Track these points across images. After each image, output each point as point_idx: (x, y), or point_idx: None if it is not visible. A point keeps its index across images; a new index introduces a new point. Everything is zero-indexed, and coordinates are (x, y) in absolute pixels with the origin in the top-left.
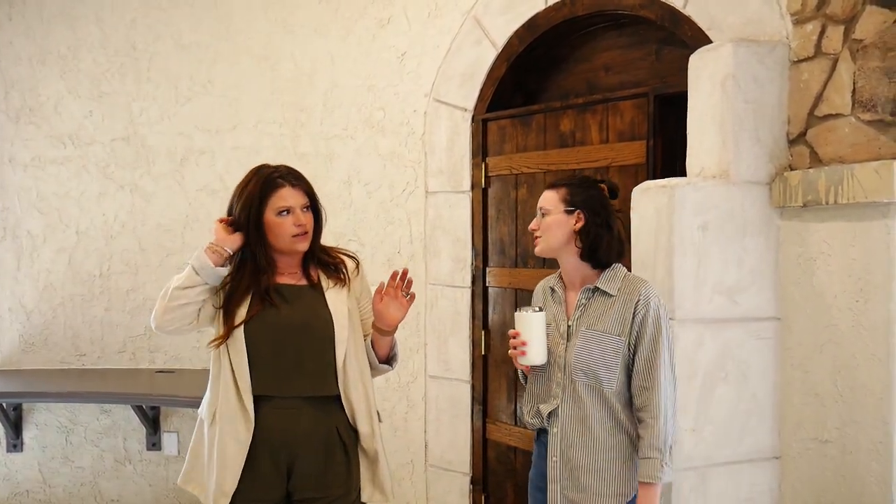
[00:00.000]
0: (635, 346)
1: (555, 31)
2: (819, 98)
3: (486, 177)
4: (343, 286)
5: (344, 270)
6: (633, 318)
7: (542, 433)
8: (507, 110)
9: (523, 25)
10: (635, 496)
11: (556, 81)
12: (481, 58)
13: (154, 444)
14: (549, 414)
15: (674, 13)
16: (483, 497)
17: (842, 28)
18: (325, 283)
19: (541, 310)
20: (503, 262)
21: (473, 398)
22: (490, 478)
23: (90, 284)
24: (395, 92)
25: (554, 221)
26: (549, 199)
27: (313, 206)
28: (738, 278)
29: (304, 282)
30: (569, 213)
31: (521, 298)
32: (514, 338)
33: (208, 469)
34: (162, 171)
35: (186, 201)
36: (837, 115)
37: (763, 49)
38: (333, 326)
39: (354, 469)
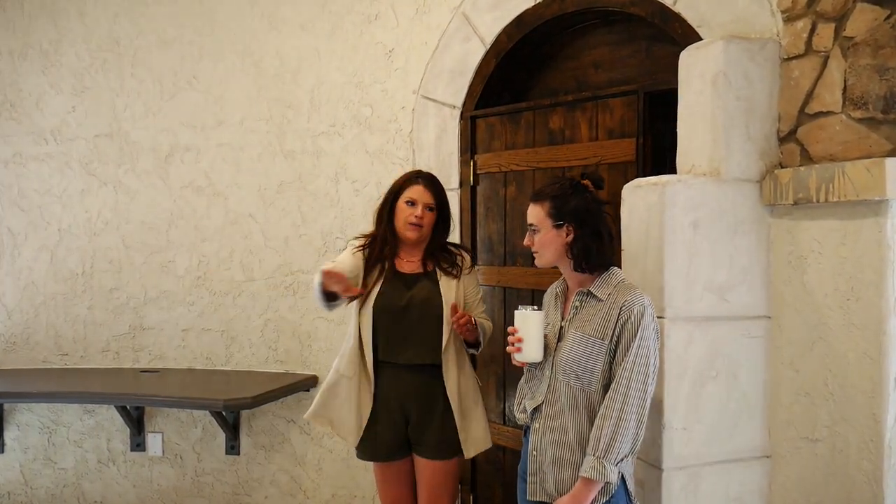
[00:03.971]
0: (615, 350)
1: (544, 28)
2: (810, 96)
3: (475, 174)
4: (454, 278)
5: (460, 265)
6: (616, 322)
7: (528, 429)
8: (495, 107)
9: (512, 22)
10: (613, 495)
11: (545, 79)
12: (470, 54)
13: (138, 444)
14: (534, 410)
15: (664, 10)
16: (471, 496)
17: (833, 25)
18: (440, 272)
19: (539, 308)
20: (492, 261)
21: None
22: (478, 477)
23: (73, 283)
24: (382, 89)
25: (546, 239)
26: (536, 216)
27: (440, 211)
28: (729, 276)
29: (420, 270)
30: (557, 227)
31: (510, 296)
32: (512, 334)
33: (346, 411)
34: (146, 168)
35: (171, 198)
36: (828, 113)
37: (754, 46)
38: (443, 308)
39: (450, 425)
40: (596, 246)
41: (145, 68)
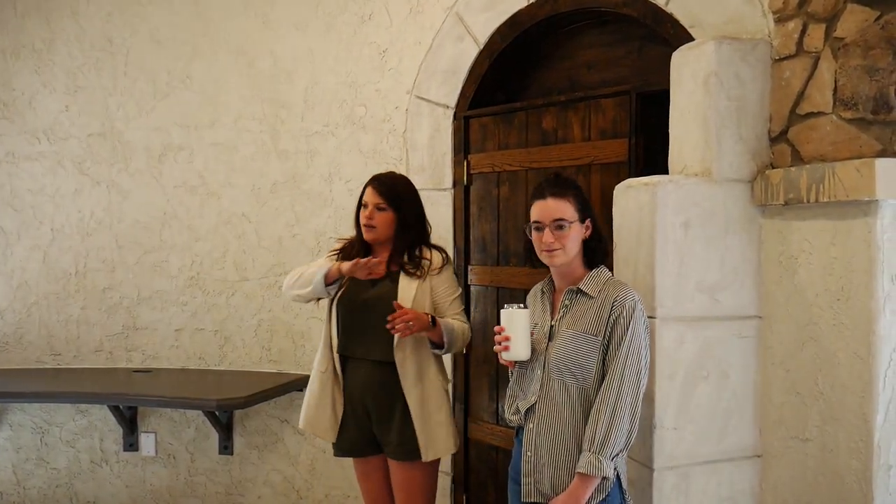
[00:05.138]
0: (607, 346)
1: (537, 29)
2: (801, 96)
3: (468, 174)
4: (416, 278)
5: (425, 266)
6: (609, 318)
7: (520, 430)
8: (489, 107)
9: (505, 22)
10: (609, 492)
11: (539, 79)
12: (463, 55)
13: (131, 444)
14: (527, 410)
15: (656, 11)
16: (464, 497)
17: (823, 26)
18: (403, 273)
19: (525, 306)
20: (485, 260)
21: (455, 397)
22: (471, 477)
23: (65, 282)
24: (376, 88)
25: (574, 234)
26: (565, 210)
27: (397, 211)
28: (720, 276)
29: (386, 271)
30: (582, 221)
31: (503, 296)
32: (499, 333)
33: (321, 408)
34: (139, 168)
35: (164, 198)
36: (819, 114)
37: (745, 47)
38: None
39: (410, 427)
40: (607, 237)
41: (139, 67)
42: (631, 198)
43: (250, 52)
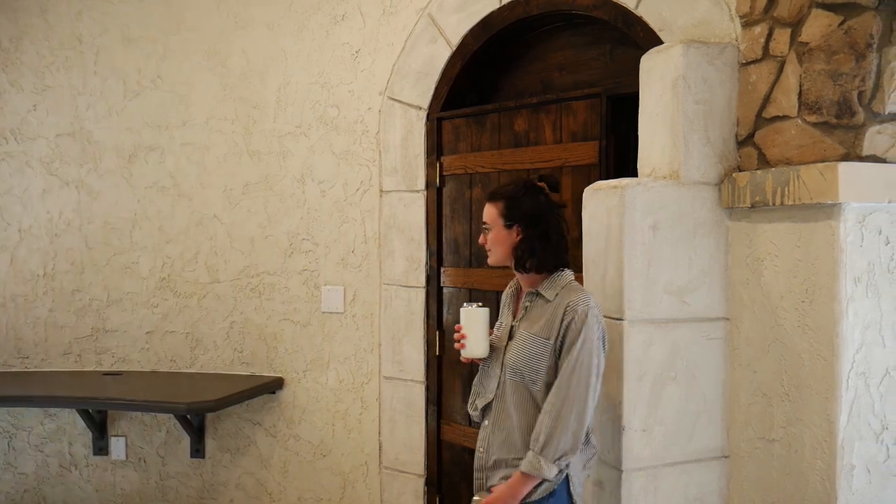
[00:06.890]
0: (560, 350)
1: (509, 31)
2: (767, 100)
3: (441, 176)
4: None
5: None
6: (561, 322)
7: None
8: (461, 109)
9: (478, 24)
10: (553, 493)
11: (511, 81)
12: (436, 56)
13: (101, 448)
14: (484, 408)
15: (626, 14)
16: (437, 498)
17: (788, 31)
18: None
19: (483, 305)
20: (457, 262)
21: (428, 399)
22: (444, 479)
23: (33, 284)
24: (349, 89)
25: (496, 237)
26: (490, 214)
27: None
28: (688, 279)
29: None
30: (508, 227)
31: (475, 298)
32: (458, 331)
33: None
34: (109, 168)
35: (135, 199)
36: (784, 117)
37: (713, 51)
38: None
39: None
40: (542, 247)
41: (109, 67)
42: (599, 200)
43: (222, 51)
